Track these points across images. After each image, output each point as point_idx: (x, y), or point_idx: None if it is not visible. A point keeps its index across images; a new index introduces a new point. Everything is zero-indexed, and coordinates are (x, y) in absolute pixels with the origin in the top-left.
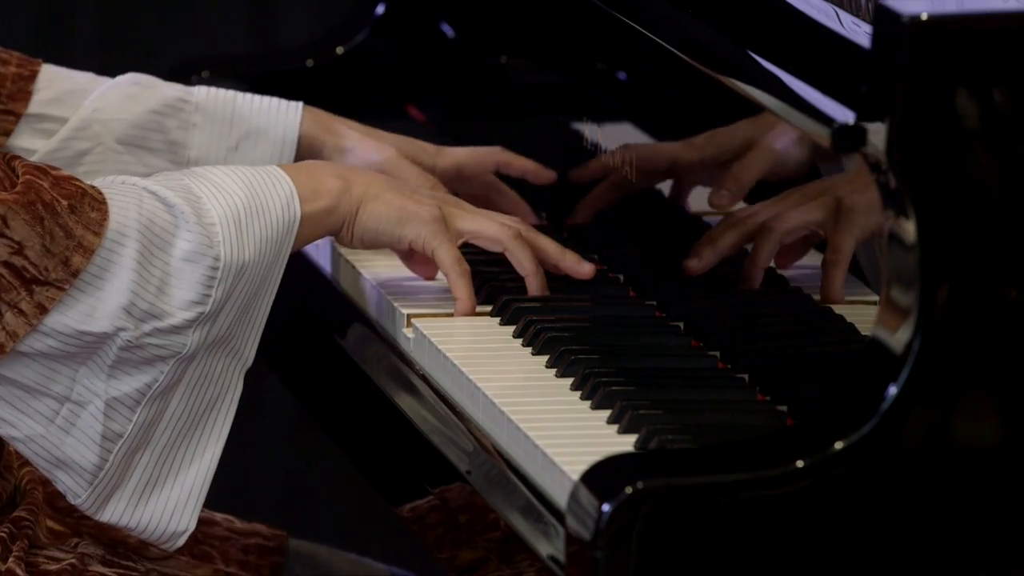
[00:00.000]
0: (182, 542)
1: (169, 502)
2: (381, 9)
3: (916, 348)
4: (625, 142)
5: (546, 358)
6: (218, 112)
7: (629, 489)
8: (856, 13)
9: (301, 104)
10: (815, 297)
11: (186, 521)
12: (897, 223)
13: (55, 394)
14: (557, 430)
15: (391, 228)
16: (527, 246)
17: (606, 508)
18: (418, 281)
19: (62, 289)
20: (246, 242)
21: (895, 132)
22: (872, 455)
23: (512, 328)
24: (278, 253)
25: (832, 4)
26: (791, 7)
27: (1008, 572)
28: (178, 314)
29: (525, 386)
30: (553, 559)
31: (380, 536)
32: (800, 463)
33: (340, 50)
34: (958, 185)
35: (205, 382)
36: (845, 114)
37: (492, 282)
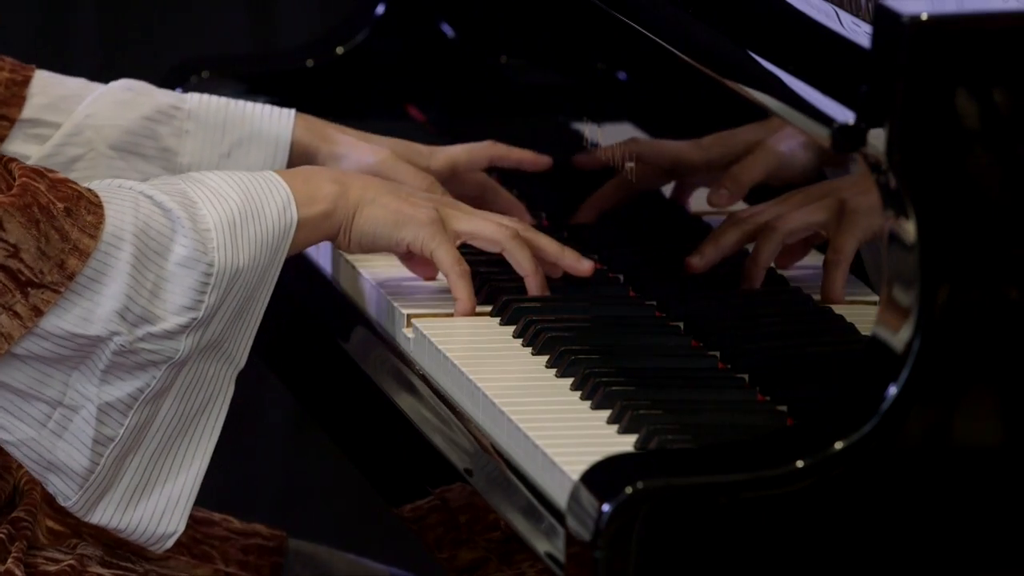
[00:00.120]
0: (171, 543)
1: (159, 504)
2: (381, 9)
3: (916, 348)
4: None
5: (546, 358)
6: (210, 119)
7: (629, 489)
8: (856, 13)
9: (293, 111)
10: (815, 297)
11: (175, 523)
12: (897, 223)
13: (47, 398)
14: (557, 430)
15: (389, 232)
16: (525, 246)
17: (606, 508)
18: (418, 281)
19: (57, 292)
20: (241, 247)
21: (895, 132)
22: (872, 455)
23: (512, 328)
24: (273, 258)
25: (832, 4)
26: (791, 7)
27: (1008, 572)
28: (171, 319)
29: (525, 386)
30: (553, 559)
31: (380, 536)
32: (800, 463)
33: (340, 50)
34: (958, 185)
35: (197, 386)
36: (845, 114)
37: (492, 282)
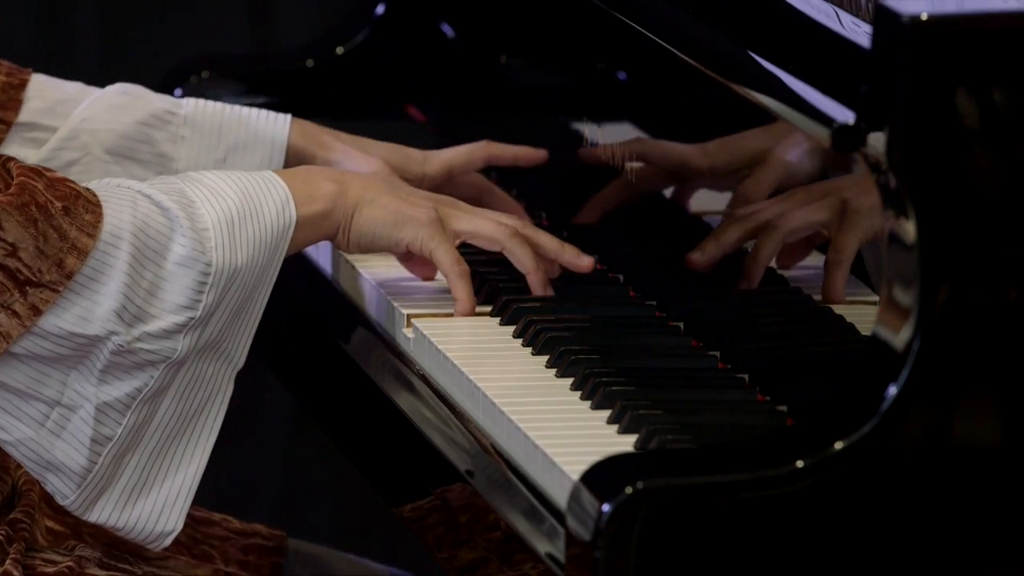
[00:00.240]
0: (169, 542)
1: (157, 503)
2: (381, 9)
3: (916, 348)
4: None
5: (546, 358)
6: (206, 124)
7: (629, 489)
8: (856, 13)
9: (289, 116)
10: (815, 297)
11: (173, 522)
12: (897, 223)
13: (46, 398)
14: (557, 430)
15: (388, 232)
16: (525, 244)
17: (606, 508)
18: (418, 281)
19: (56, 291)
20: (239, 247)
21: (895, 132)
22: (872, 455)
23: (512, 328)
24: (272, 257)
25: (832, 4)
26: (791, 7)
27: (1008, 572)
28: (168, 318)
29: (525, 386)
30: (553, 559)
31: (380, 536)
32: (800, 463)
33: (340, 50)
34: (958, 185)
35: (195, 385)
36: (845, 114)
37: (491, 282)
